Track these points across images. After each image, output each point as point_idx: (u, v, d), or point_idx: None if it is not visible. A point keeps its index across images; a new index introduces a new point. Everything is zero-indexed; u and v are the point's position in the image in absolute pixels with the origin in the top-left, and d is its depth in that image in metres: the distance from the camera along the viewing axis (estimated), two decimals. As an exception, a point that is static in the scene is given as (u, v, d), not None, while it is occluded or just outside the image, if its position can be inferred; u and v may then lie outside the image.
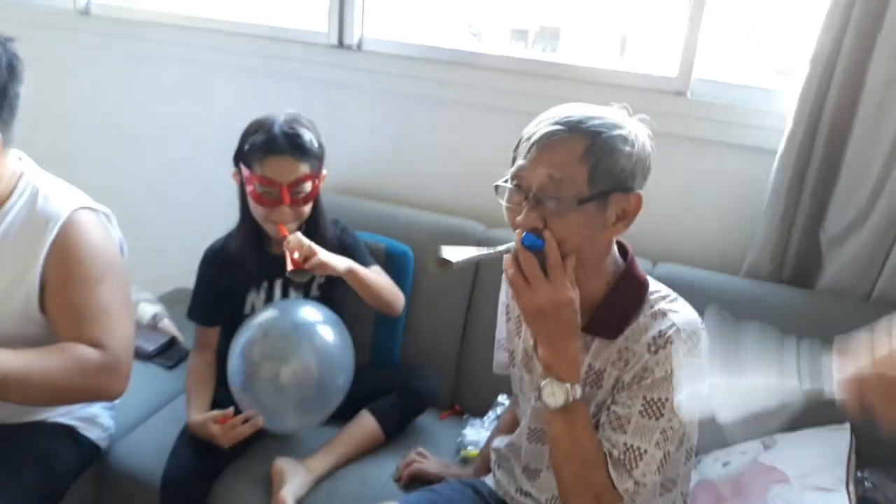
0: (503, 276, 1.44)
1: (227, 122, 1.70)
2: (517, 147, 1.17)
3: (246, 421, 1.55)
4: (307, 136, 1.63)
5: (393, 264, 1.90)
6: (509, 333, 1.41)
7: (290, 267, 1.53)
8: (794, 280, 1.79)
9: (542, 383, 1.15)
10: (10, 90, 1.27)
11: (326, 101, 2.20)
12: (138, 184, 2.59)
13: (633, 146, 1.12)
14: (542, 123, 1.13)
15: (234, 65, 2.31)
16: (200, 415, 1.60)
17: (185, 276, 1.80)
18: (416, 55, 2.11)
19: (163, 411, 1.82)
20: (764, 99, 1.83)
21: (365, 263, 1.73)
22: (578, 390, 1.13)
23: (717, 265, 1.86)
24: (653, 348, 1.13)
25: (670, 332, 1.13)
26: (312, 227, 1.70)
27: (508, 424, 1.54)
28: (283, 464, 1.56)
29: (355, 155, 2.23)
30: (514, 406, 1.48)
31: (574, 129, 1.11)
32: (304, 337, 1.56)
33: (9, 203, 1.35)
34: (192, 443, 1.60)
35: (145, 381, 1.88)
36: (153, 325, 2.08)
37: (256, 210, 1.64)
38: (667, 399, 1.13)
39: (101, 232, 1.40)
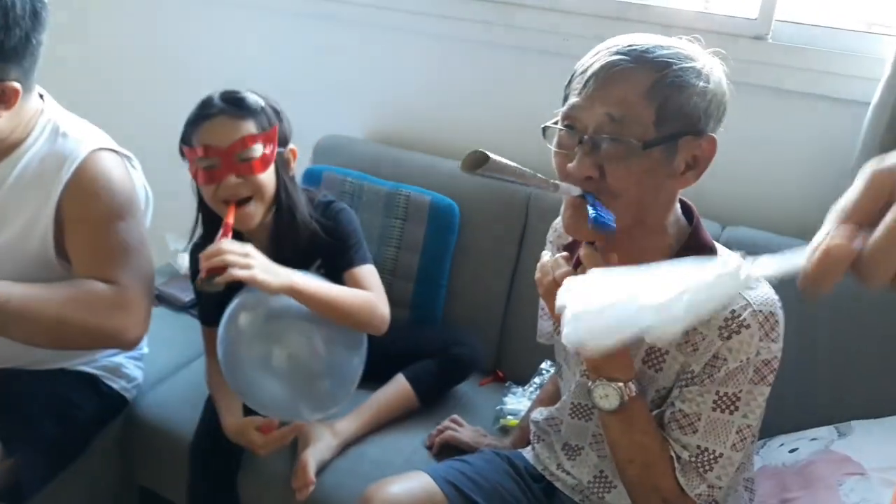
0: (547, 237, 1.32)
1: (274, 66, 1.60)
2: (570, 83, 1.02)
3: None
4: (250, 96, 1.38)
5: (437, 218, 1.81)
6: (554, 299, 1.28)
7: (201, 275, 1.23)
8: (882, 247, 1.60)
9: (592, 385, 1.03)
10: (33, 38, 1.21)
11: (369, 47, 2.08)
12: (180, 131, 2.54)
13: (707, 81, 0.96)
14: (601, 53, 0.97)
15: (275, 6, 2.21)
16: (236, 419, 1.44)
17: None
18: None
19: (195, 364, 1.76)
20: (856, 43, 1.63)
21: (351, 261, 1.45)
22: (633, 388, 1.01)
23: (795, 230, 1.68)
24: (725, 333, 0.99)
25: (745, 313, 0.98)
26: (285, 209, 1.43)
27: (550, 395, 1.43)
28: (309, 425, 1.48)
29: (399, 103, 2.11)
30: (557, 376, 1.37)
31: (639, 60, 0.94)
32: (298, 316, 1.32)
33: (27, 142, 1.30)
34: None
35: (177, 332, 1.86)
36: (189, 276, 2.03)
37: (207, 195, 1.38)
38: (741, 391, 1.00)
39: (121, 172, 1.34)
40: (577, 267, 1.05)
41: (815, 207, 1.71)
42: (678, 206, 1.07)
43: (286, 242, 1.43)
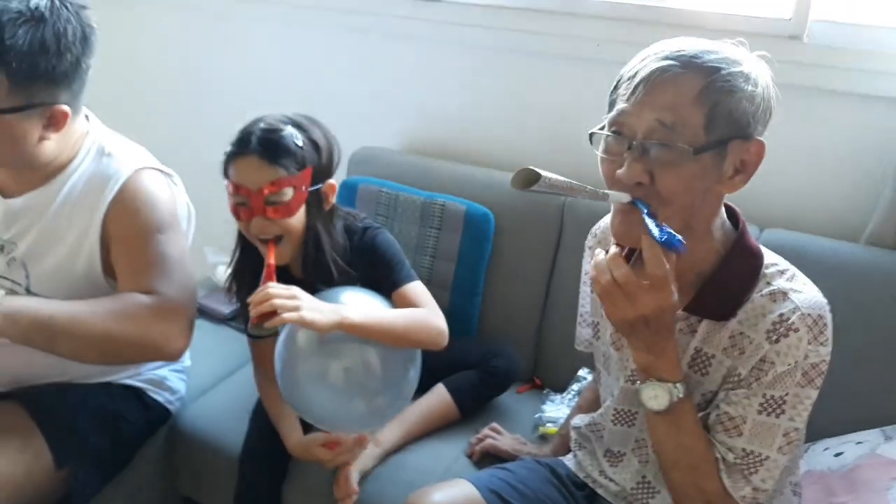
0: (586, 243, 1.32)
1: (309, 80, 1.62)
2: (615, 88, 1.02)
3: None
4: (287, 137, 1.37)
5: (472, 227, 1.82)
6: (594, 305, 1.28)
7: (252, 321, 1.25)
8: (927, 249, 1.57)
9: (641, 385, 1.03)
10: (83, 62, 1.24)
11: (406, 57, 2.10)
12: (219, 145, 2.58)
13: (755, 85, 0.96)
14: (649, 59, 0.97)
15: (313, 21, 2.24)
16: (299, 436, 1.45)
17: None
18: (498, 3, 1.97)
19: (235, 375, 1.79)
20: (893, 40, 1.60)
21: (396, 283, 1.45)
22: (682, 389, 1.00)
23: (835, 231, 1.66)
24: (773, 336, 0.98)
25: (793, 317, 0.98)
26: (312, 249, 1.43)
27: (590, 402, 1.43)
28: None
29: (435, 113, 2.13)
30: (597, 382, 1.36)
31: (688, 65, 0.94)
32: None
33: (73, 164, 1.33)
34: None
35: (218, 345, 1.88)
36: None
37: (242, 228, 1.42)
38: (787, 394, 0.99)
39: (163, 190, 1.37)
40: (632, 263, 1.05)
41: (855, 209, 1.71)
42: (723, 210, 1.07)
43: (319, 278, 1.43)
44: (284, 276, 1.42)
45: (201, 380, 1.73)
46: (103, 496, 1.47)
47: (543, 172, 0.90)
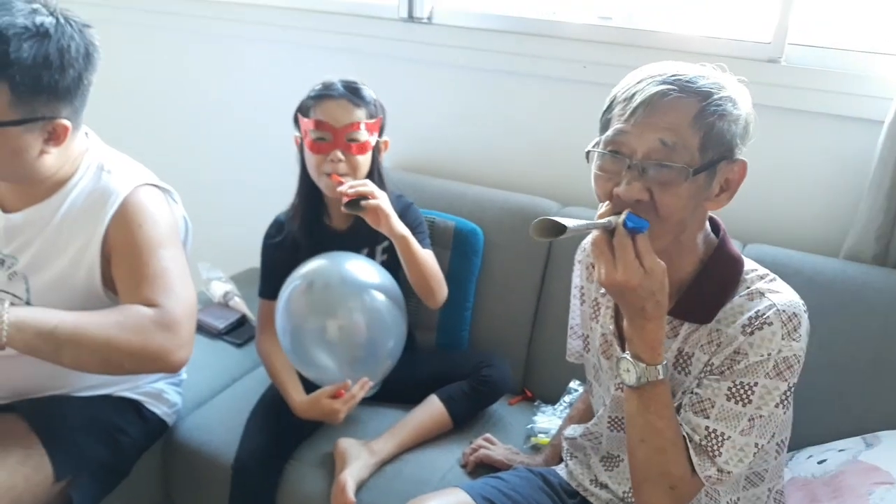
0: (576, 257, 1.37)
1: (298, 100, 1.66)
2: (609, 109, 1.07)
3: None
4: (366, 89, 1.62)
5: (462, 243, 1.85)
6: (584, 318, 1.32)
7: (344, 200, 1.51)
8: (903, 263, 1.63)
9: (621, 356, 1.06)
10: (85, 79, 1.27)
11: (396, 77, 2.15)
12: (214, 163, 2.61)
13: (740, 109, 1.02)
14: (645, 83, 1.02)
15: (304, 41, 2.29)
16: (304, 395, 1.56)
17: (259, 257, 1.77)
18: (488, 26, 2.03)
19: (230, 389, 1.81)
20: (869, 63, 1.67)
21: (422, 245, 1.64)
22: (655, 373, 1.03)
23: (814, 247, 1.72)
24: (748, 330, 1.03)
25: (769, 312, 1.03)
26: None
27: (581, 413, 1.47)
28: (347, 445, 1.52)
29: (425, 131, 2.18)
30: (588, 394, 1.40)
31: (685, 90, 1.00)
32: (351, 291, 1.51)
33: (73, 180, 1.35)
34: (265, 425, 1.58)
35: (214, 359, 1.90)
36: (224, 303, 2.08)
37: (311, 163, 1.61)
38: (756, 384, 1.03)
39: (162, 206, 1.39)
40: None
41: (834, 224, 1.77)
42: (707, 223, 1.13)
43: (363, 229, 1.60)
44: (326, 231, 1.69)
45: (197, 393, 1.75)
46: (102, 508, 1.48)
47: (569, 224, 0.97)
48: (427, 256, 1.62)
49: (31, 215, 1.35)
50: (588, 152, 1.08)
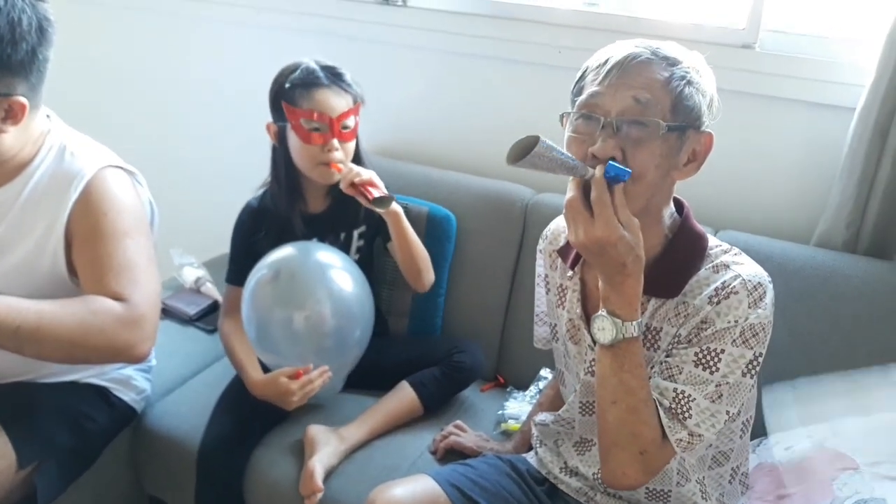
0: (538, 246, 1.36)
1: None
2: (581, 79, 1.09)
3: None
4: (346, 73, 1.61)
5: (435, 228, 1.84)
6: (550, 305, 1.32)
7: (371, 196, 1.52)
8: (872, 250, 1.63)
9: (595, 315, 1.06)
10: (39, 54, 1.23)
11: (371, 61, 2.13)
12: (187, 149, 2.58)
13: (706, 81, 1.06)
14: (617, 49, 1.05)
15: (278, 24, 2.26)
16: (261, 373, 1.54)
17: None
18: (464, 10, 2.01)
19: (201, 375, 1.79)
20: (841, 51, 1.67)
21: None
22: (631, 329, 1.03)
23: (785, 233, 1.72)
24: (715, 300, 1.04)
25: (735, 282, 1.04)
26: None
27: (550, 399, 1.47)
28: (316, 431, 1.51)
29: (398, 116, 2.16)
30: (558, 382, 1.40)
31: (656, 54, 1.04)
32: (318, 280, 1.49)
33: (35, 162, 1.32)
34: (231, 411, 1.57)
35: (184, 345, 1.88)
36: (196, 289, 2.06)
37: (305, 152, 1.57)
38: (723, 351, 1.03)
39: (128, 189, 1.37)
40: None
41: (804, 211, 1.77)
42: (672, 202, 1.13)
43: (347, 197, 1.59)
44: (304, 216, 1.65)
45: (166, 379, 1.73)
46: (69, 495, 1.46)
47: (543, 140, 0.95)
48: (419, 241, 1.65)
49: None
50: (562, 116, 1.09)
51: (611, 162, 0.99)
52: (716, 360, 1.04)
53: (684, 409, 1.05)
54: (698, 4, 1.89)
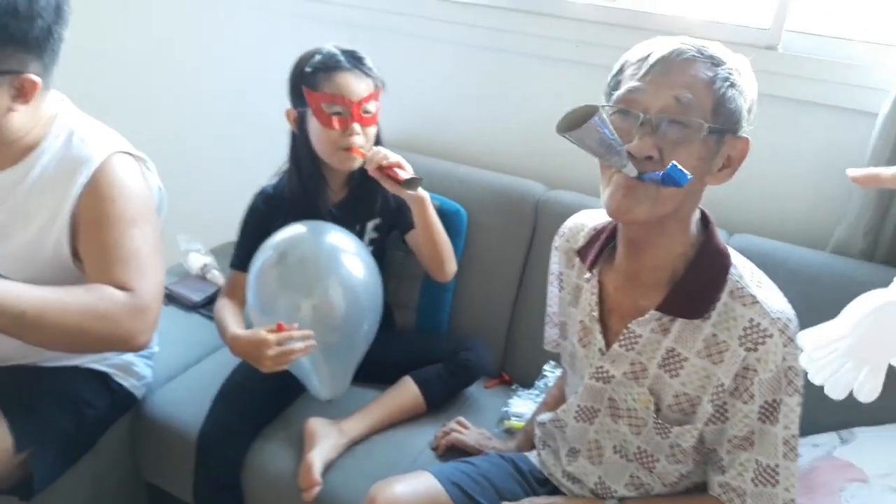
0: (553, 244, 1.33)
1: (285, 72, 1.61)
2: (620, 72, 1.04)
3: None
4: (367, 58, 1.58)
5: (445, 223, 1.78)
6: (562, 304, 1.29)
7: (400, 178, 1.48)
8: (890, 259, 1.60)
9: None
10: (55, 33, 1.21)
11: (387, 51, 2.09)
12: (197, 135, 2.57)
13: (748, 84, 1.01)
14: (659, 45, 1.00)
15: (295, 10, 2.24)
16: (240, 329, 1.47)
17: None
18: (481, 1, 1.97)
19: (202, 363, 1.78)
20: (867, 54, 1.63)
21: (414, 225, 1.63)
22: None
23: (802, 239, 1.69)
24: (749, 343, 1.01)
25: (764, 321, 1.01)
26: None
27: (556, 399, 1.44)
28: (316, 424, 1.50)
29: (410, 108, 2.13)
30: (563, 381, 1.37)
31: (701, 53, 0.99)
32: (329, 266, 1.44)
33: (43, 145, 1.30)
34: (232, 401, 1.55)
35: (187, 332, 1.87)
36: (201, 276, 2.05)
37: (326, 137, 1.53)
38: (779, 401, 1.03)
39: (137, 176, 1.34)
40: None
41: (823, 217, 1.73)
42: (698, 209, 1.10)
43: (365, 188, 1.61)
44: (323, 204, 1.61)
45: (168, 366, 1.72)
46: (67, 480, 1.46)
47: (601, 113, 0.92)
48: (443, 230, 1.62)
49: None
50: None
51: (673, 163, 0.94)
52: (775, 411, 1.03)
53: (769, 476, 1.05)
54: (722, 4, 1.86)
